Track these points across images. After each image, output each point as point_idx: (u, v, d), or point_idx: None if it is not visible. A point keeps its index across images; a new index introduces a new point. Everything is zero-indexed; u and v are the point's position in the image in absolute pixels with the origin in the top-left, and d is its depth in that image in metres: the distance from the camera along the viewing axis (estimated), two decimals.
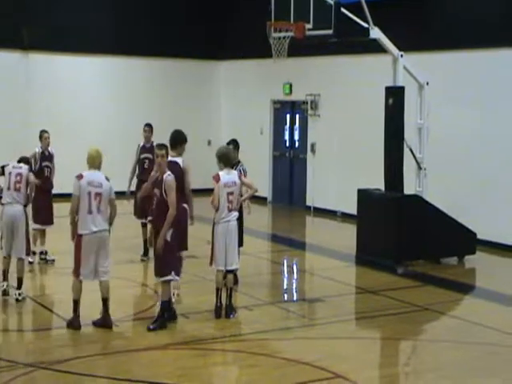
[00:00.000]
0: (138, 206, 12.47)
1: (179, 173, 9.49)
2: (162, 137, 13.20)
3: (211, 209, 9.62)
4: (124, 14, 19.88)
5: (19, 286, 10.06)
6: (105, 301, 9.06)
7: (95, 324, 9.04)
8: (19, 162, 10.44)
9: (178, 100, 20.77)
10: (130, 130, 18.38)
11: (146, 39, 19.94)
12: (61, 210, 11.84)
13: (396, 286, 11.39)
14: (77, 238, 8.93)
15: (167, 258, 8.98)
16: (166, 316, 9.11)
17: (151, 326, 8.97)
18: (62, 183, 12.56)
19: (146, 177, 12.50)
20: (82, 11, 19.29)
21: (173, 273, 9.07)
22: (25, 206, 10.25)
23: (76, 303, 9.02)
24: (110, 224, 9.17)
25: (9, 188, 10.14)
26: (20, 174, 10.17)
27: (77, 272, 8.99)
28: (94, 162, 9.09)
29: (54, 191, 12.48)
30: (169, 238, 8.95)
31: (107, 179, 9.09)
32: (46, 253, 12.19)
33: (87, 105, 19.51)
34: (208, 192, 9.69)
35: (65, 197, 10.80)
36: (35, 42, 18.62)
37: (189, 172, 9.76)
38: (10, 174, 10.21)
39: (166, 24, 20.25)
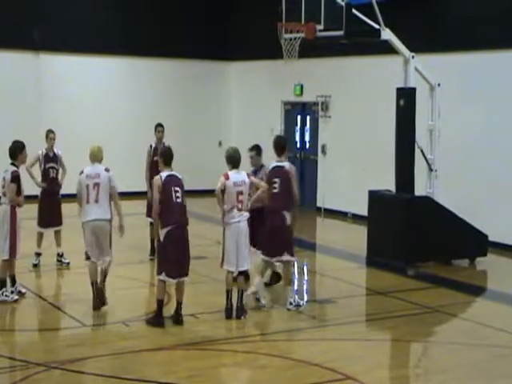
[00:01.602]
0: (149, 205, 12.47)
1: (287, 177, 9.87)
2: (173, 138, 13.30)
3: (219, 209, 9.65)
4: (134, 14, 19.93)
5: None
6: (103, 278, 9.78)
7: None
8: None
9: (189, 101, 20.80)
10: (139, 130, 18.42)
11: (157, 40, 19.96)
12: (71, 210, 11.88)
13: (406, 288, 11.36)
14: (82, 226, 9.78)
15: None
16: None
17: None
18: (69, 184, 12.53)
19: None
20: (92, 12, 19.37)
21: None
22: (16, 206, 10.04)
23: (92, 285, 9.63)
24: (119, 213, 9.80)
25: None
26: (3, 179, 10.12)
27: (86, 254, 9.72)
28: (96, 157, 9.92)
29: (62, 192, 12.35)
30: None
31: (107, 170, 9.80)
32: (62, 255, 12.14)
33: (97, 105, 19.58)
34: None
35: (73, 197, 10.85)
36: (45, 42, 18.70)
37: (294, 176, 10.11)
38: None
39: (176, 25, 20.28)
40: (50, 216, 12.01)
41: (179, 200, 9.13)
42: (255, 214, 9.95)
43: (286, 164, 10.19)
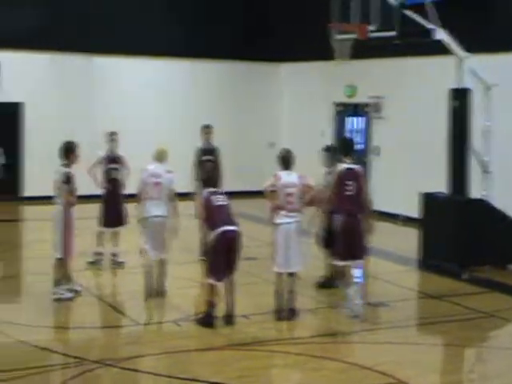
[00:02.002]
0: None
1: (360, 179, 9.79)
2: (224, 139, 13.34)
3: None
4: (185, 16, 20.04)
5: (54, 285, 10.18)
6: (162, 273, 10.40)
7: None
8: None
9: (240, 102, 20.85)
10: (190, 132, 18.49)
11: (208, 41, 20.05)
12: (133, 210, 11.97)
13: (460, 292, 11.18)
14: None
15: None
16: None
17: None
18: (130, 184, 12.65)
19: None
20: (144, 14, 19.55)
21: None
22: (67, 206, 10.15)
23: (147, 277, 10.24)
24: (174, 214, 10.31)
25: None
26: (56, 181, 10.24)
27: (144, 249, 10.30)
28: (161, 158, 10.59)
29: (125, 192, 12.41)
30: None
31: (169, 172, 10.40)
32: (117, 254, 12.23)
33: (149, 107, 19.73)
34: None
35: (132, 197, 10.94)
36: (99, 45, 18.95)
37: (365, 178, 10.12)
38: None
39: (227, 26, 20.35)
40: (112, 216, 12.12)
41: (224, 202, 9.26)
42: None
43: (357, 166, 10.05)
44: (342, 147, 10.39)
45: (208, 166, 11.29)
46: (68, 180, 10.08)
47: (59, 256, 10.14)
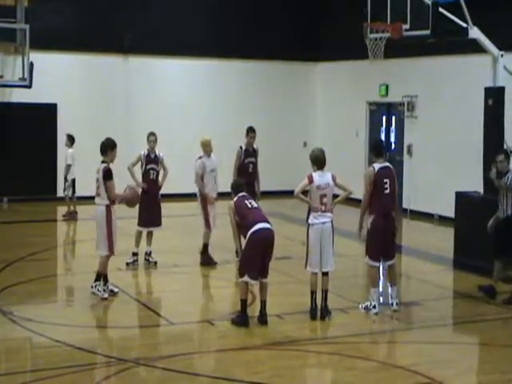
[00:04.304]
0: None
1: (394, 178, 9.95)
2: (258, 139, 13.38)
3: (305, 210, 9.65)
4: (219, 16, 20.15)
5: (95, 279, 10.31)
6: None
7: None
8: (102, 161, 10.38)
9: (274, 102, 20.89)
10: (225, 132, 18.63)
11: (242, 41, 20.15)
12: (170, 211, 12.02)
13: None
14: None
15: None
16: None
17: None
18: (168, 184, 12.76)
19: (250, 180, 12.61)
20: (181, 14, 19.68)
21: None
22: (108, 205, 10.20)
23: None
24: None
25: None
26: (97, 180, 10.29)
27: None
28: (206, 149, 12.16)
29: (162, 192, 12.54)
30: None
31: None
32: (150, 253, 12.34)
33: (185, 107, 19.88)
34: (304, 194, 9.70)
35: (173, 197, 11.06)
36: (134, 45, 19.14)
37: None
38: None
39: (261, 26, 20.42)
40: (149, 216, 12.21)
41: (256, 205, 9.38)
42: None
43: (390, 165, 10.14)
44: (373, 148, 10.43)
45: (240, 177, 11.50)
46: (108, 174, 10.12)
47: (103, 254, 10.25)
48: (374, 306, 9.80)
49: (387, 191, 9.83)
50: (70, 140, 16.54)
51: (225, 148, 14.67)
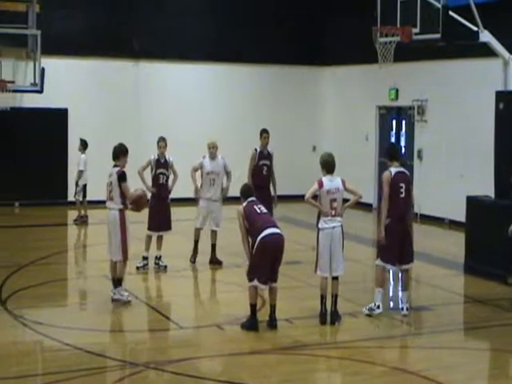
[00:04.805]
0: None
1: (409, 182, 10.01)
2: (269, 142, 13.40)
3: (314, 214, 9.64)
4: (229, 21, 20.17)
5: (114, 285, 10.29)
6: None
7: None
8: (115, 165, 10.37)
9: (283, 106, 20.90)
10: (235, 136, 18.65)
11: (251, 46, 20.18)
12: (180, 215, 12.02)
13: (506, 297, 11.04)
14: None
15: None
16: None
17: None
18: (178, 189, 12.77)
19: (264, 183, 12.62)
20: (189, 19, 19.72)
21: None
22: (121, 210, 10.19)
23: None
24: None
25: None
26: (110, 183, 10.25)
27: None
28: (210, 150, 12.34)
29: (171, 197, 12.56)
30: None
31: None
32: (160, 258, 12.35)
33: (193, 112, 19.92)
34: (314, 198, 9.69)
35: (183, 201, 10.98)
36: (145, 50, 19.20)
37: None
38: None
39: (271, 30, 20.44)
40: (159, 221, 12.24)
41: (264, 210, 9.39)
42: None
43: (404, 169, 10.16)
44: (388, 153, 10.40)
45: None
46: (123, 177, 10.09)
47: (119, 258, 10.20)
48: (378, 306, 9.79)
49: (402, 195, 9.85)
50: (83, 145, 16.57)
51: (235, 151, 14.68)
